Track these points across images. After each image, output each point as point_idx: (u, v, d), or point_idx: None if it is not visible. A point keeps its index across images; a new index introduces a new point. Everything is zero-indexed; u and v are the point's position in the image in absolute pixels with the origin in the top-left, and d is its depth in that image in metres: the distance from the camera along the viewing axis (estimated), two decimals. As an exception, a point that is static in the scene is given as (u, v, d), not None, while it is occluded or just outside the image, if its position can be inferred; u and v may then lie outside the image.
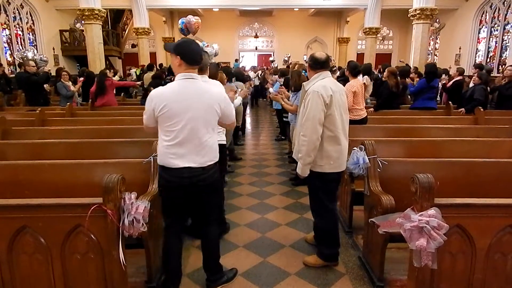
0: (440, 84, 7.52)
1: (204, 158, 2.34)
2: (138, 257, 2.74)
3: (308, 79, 2.89)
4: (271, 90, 7.08)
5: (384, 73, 6.06)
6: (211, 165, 2.40)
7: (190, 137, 2.26)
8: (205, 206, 2.52)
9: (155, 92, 2.28)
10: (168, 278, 2.54)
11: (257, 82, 13.36)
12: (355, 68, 4.97)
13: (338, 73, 8.15)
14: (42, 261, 2.11)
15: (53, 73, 10.14)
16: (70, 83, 7.53)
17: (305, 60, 11.41)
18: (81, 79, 8.44)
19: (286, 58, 14.47)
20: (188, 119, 2.24)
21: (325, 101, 2.63)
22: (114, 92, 7.26)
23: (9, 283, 2.12)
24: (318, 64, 2.79)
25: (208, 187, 2.41)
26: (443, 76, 8.94)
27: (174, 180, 2.30)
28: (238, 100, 4.07)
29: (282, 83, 6.64)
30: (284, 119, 6.07)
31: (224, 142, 3.31)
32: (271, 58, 19.26)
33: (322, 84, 2.70)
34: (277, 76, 8.41)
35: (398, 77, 5.87)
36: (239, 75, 6.91)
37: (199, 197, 2.43)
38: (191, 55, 2.27)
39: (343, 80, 5.89)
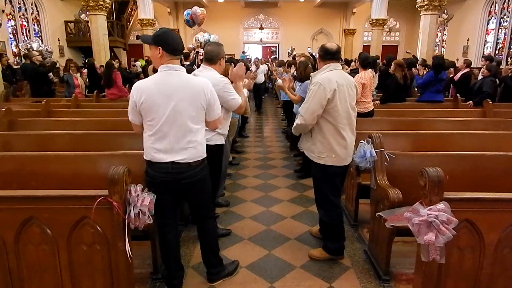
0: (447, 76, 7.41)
1: (190, 154, 2.23)
2: (144, 249, 2.76)
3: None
4: (279, 81, 7.00)
5: (391, 66, 5.97)
6: (199, 161, 2.30)
7: (174, 131, 2.17)
8: (195, 203, 2.49)
9: (135, 85, 2.19)
10: (170, 274, 2.51)
11: (260, 78, 10.83)
12: (366, 60, 4.89)
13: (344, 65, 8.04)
14: (48, 251, 2.12)
15: (57, 64, 10.12)
16: (78, 75, 7.58)
17: (309, 52, 11.24)
18: (84, 70, 8.46)
19: (290, 51, 14.34)
20: (171, 112, 2.14)
21: (326, 94, 2.56)
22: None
23: (16, 273, 2.14)
24: (328, 55, 2.71)
25: (194, 185, 2.32)
26: (450, 69, 8.83)
27: (158, 175, 2.23)
28: (245, 92, 4.04)
29: (294, 74, 6.55)
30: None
31: (222, 142, 3.06)
32: (273, 55, 18.98)
33: (328, 76, 2.62)
34: (281, 68, 8.33)
35: (406, 69, 5.78)
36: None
37: (185, 194, 2.39)
38: (172, 45, 2.17)
39: (354, 72, 5.82)
